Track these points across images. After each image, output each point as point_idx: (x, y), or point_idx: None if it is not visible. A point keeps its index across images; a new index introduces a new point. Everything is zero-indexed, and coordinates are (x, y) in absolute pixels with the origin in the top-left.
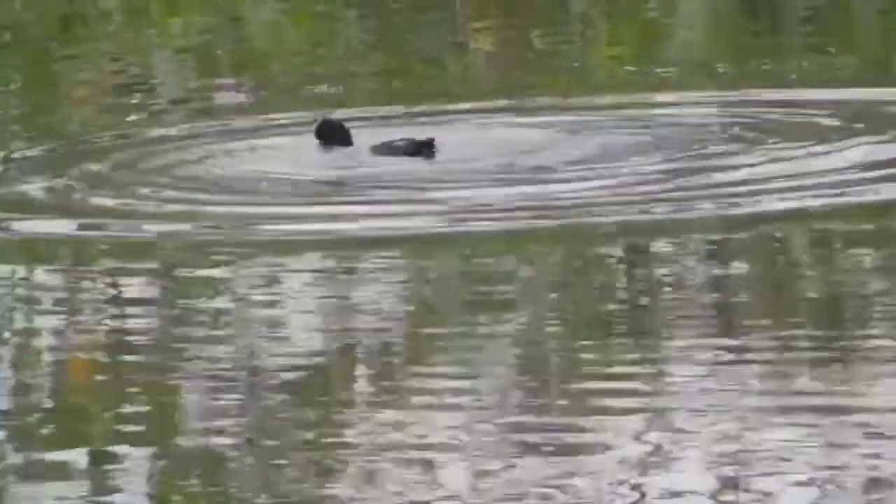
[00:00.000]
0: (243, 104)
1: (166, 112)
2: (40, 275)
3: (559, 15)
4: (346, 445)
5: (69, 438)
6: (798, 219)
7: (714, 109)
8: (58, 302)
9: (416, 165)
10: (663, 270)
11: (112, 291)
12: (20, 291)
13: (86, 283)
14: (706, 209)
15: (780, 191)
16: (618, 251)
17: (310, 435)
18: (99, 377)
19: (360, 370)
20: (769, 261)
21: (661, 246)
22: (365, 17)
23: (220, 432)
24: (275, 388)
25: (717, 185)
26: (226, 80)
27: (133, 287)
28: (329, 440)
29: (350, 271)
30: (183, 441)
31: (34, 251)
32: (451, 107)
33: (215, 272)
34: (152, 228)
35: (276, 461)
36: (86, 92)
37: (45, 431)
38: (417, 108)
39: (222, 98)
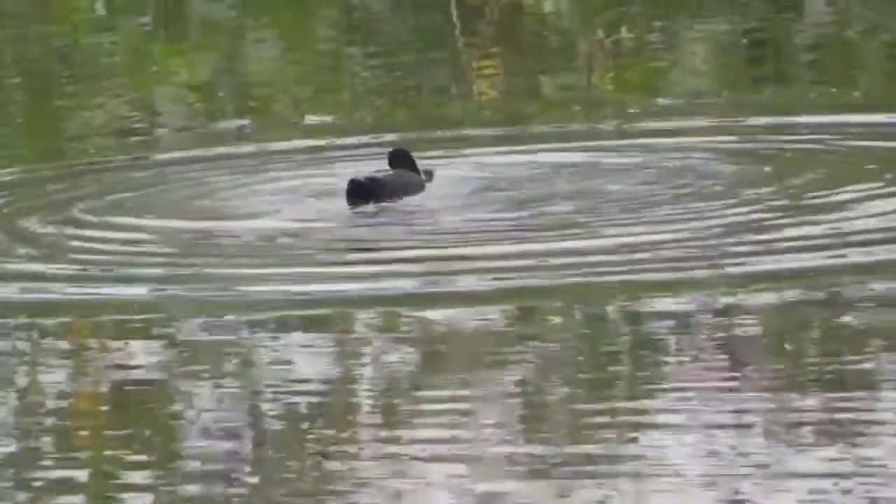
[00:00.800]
0: (247, 138)
1: (167, 148)
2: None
3: (566, 54)
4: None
5: None
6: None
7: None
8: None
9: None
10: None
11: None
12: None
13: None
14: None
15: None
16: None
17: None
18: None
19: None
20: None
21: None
22: (370, 56)
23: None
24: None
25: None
26: (233, 122)
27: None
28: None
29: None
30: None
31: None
32: (449, 134)
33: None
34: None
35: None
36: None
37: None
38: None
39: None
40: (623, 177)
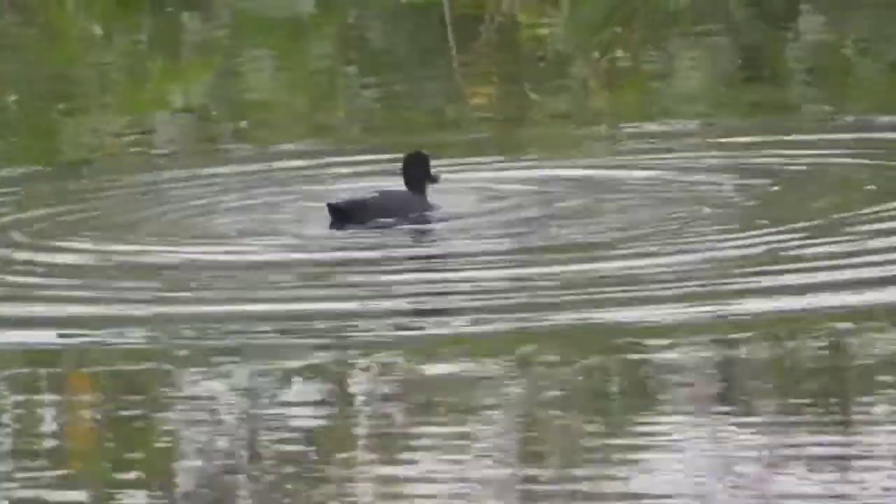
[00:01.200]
0: (240, 155)
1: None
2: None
3: (560, 77)
4: None
5: None
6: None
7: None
8: None
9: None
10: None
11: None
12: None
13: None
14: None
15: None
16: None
17: None
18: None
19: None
20: None
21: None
22: (364, 75)
23: None
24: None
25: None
26: (226, 140)
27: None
28: None
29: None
30: None
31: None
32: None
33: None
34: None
35: None
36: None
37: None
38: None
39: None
40: (621, 196)
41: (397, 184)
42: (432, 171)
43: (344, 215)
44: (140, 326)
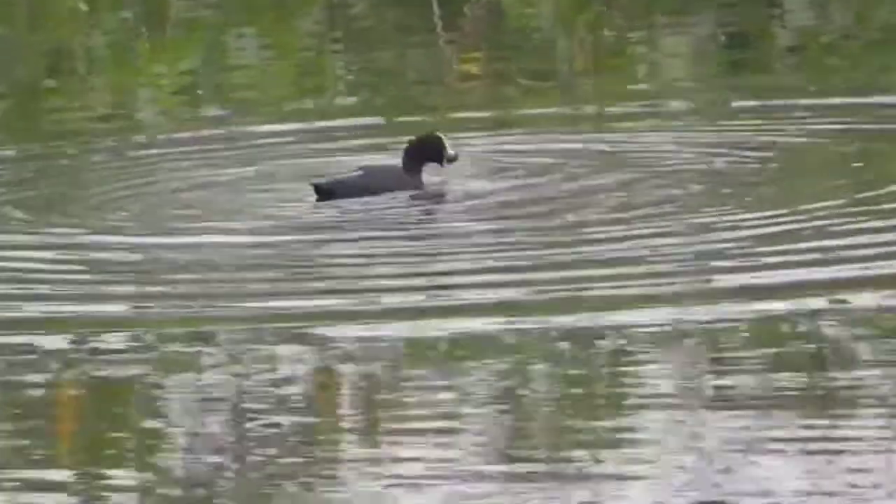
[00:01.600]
0: (227, 131)
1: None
2: None
3: (546, 54)
4: None
5: None
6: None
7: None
8: None
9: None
10: None
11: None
12: None
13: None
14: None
15: None
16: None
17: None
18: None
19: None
20: None
21: None
22: (350, 51)
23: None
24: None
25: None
26: (213, 116)
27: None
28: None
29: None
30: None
31: None
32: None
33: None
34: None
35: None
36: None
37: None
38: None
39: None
40: (609, 172)
41: (383, 159)
42: (449, 150)
43: (329, 194)
44: (122, 304)
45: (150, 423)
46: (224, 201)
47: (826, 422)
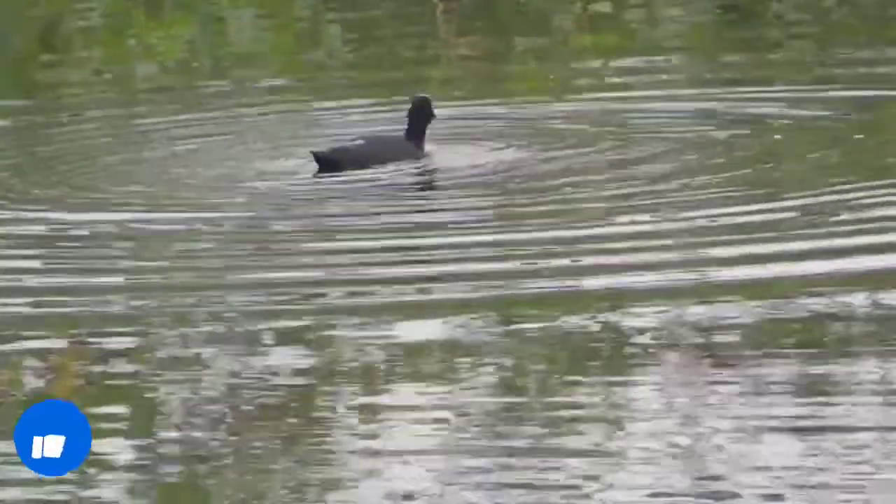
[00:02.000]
0: (223, 104)
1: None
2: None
3: (542, 29)
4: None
5: None
6: None
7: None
8: None
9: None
10: None
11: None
12: None
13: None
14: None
15: None
16: None
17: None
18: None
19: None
20: None
21: None
22: (347, 28)
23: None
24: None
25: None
26: (210, 90)
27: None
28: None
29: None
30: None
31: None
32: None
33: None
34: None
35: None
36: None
37: None
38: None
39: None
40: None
41: (383, 129)
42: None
43: (330, 163)
44: (116, 276)
45: (143, 414)
46: (218, 174)
47: (824, 408)
